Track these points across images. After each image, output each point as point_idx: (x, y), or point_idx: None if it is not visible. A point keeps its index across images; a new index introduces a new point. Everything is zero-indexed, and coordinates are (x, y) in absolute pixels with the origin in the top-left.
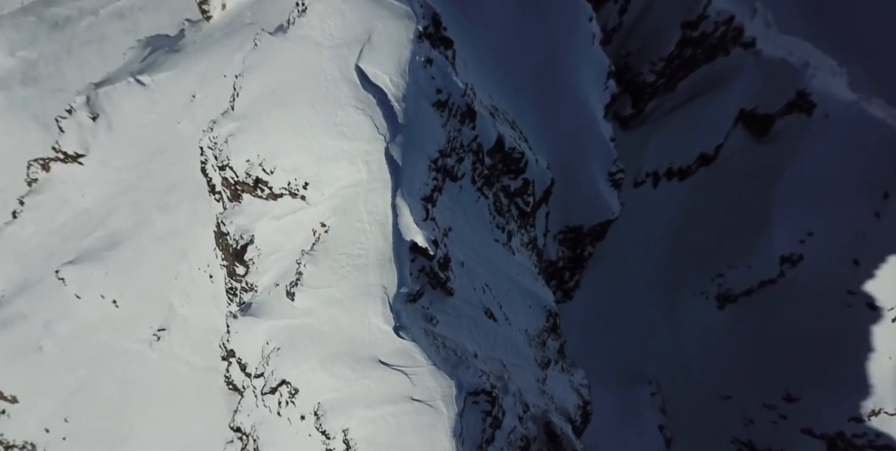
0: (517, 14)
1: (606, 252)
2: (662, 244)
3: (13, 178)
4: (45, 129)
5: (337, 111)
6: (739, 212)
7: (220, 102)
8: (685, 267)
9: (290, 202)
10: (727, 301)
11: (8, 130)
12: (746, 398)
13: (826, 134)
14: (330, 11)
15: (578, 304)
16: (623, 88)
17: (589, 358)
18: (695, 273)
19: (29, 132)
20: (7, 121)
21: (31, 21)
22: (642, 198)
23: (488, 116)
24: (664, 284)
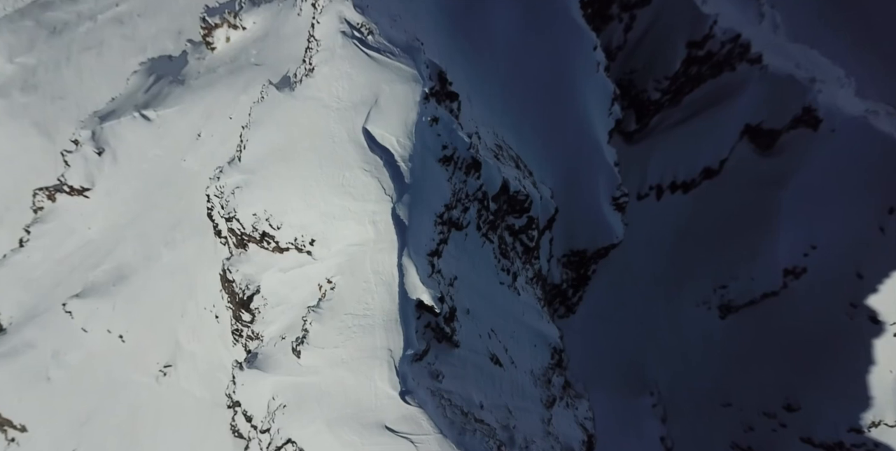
0: (522, 42)
1: (609, 262)
2: (665, 254)
3: (14, 183)
4: (46, 135)
5: (344, 172)
6: (742, 223)
7: (226, 141)
8: (687, 277)
9: (297, 256)
10: (729, 312)
11: (9, 136)
12: (747, 405)
13: (832, 148)
14: (337, 75)
15: (581, 313)
16: (628, 104)
17: (591, 367)
18: (697, 283)
19: (30, 138)
20: (8, 127)
21: (29, 26)
22: (645, 209)
23: (493, 162)
24: (666, 293)
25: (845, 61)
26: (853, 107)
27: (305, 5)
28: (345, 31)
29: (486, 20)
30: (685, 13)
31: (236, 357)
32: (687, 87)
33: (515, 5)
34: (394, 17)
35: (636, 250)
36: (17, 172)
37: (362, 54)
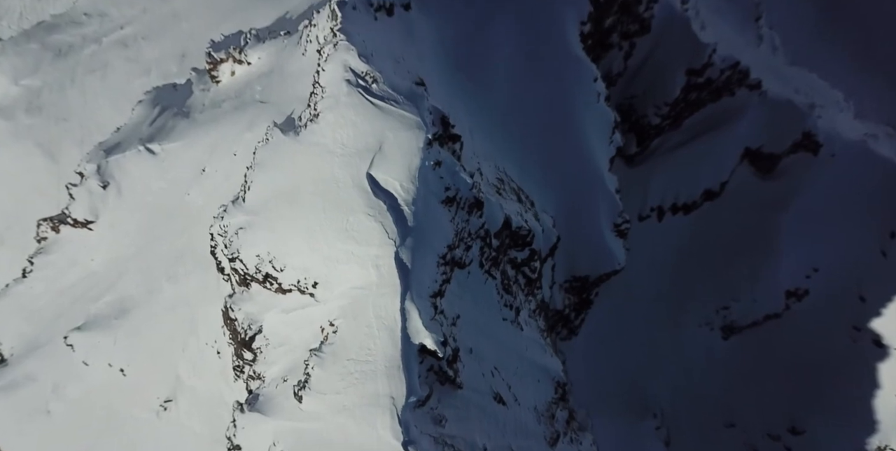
0: (523, 75)
1: (610, 283)
2: (666, 275)
3: (16, 203)
4: (50, 156)
5: (348, 217)
6: (744, 245)
7: (230, 177)
8: (689, 298)
9: (300, 298)
10: (732, 333)
11: (13, 158)
12: (751, 427)
13: (832, 172)
14: (342, 122)
15: (583, 335)
16: (628, 128)
17: (593, 389)
18: (699, 304)
19: (33, 159)
20: (12, 149)
21: (35, 48)
22: (647, 230)
23: (495, 199)
24: (668, 314)
25: (844, 76)
26: (852, 131)
27: (311, 47)
28: (349, 79)
29: (488, 55)
30: (684, 42)
31: (237, 394)
32: (687, 111)
33: (516, 39)
34: (397, 58)
35: (638, 271)
36: (19, 193)
37: (367, 102)
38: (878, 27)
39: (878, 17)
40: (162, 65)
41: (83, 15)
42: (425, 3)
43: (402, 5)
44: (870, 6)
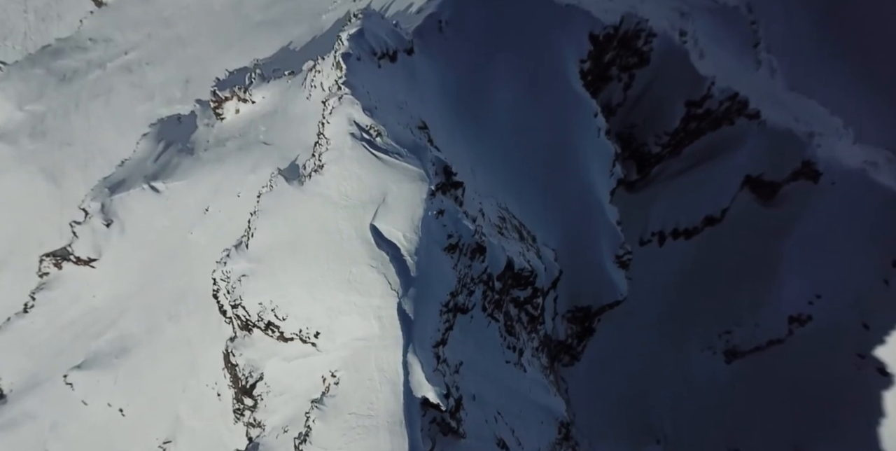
0: (524, 112)
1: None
2: (668, 299)
3: (19, 227)
4: (53, 181)
5: (351, 268)
6: (745, 270)
7: (233, 218)
8: (692, 322)
9: (301, 346)
10: (735, 357)
11: (16, 183)
12: None
13: (832, 200)
14: (346, 174)
15: (585, 360)
16: (629, 155)
17: (596, 414)
18: (701, 328)
19: (36, 183)
20: (16, 174)
21: (40, 74)
22: (648, 255)
23: (497, 241)
24: (671, 338)
25: (843, 96)
26: (852, 158)
27: (315, 92)
28: (354, 132)
29: (489, 92)
30: (683, 74)
31: (237, 437)
32: (687, 139)
33: (517, 77)
34: (400, 104)
35: (639, 295)
36: (22, 217)
37: (371, 156)
38: (876, 45)
39: (877, 35)
40: (166, 90)
41: (88, 40)
42: (427, 46)
43: (404, 50)
44: (868, 24)
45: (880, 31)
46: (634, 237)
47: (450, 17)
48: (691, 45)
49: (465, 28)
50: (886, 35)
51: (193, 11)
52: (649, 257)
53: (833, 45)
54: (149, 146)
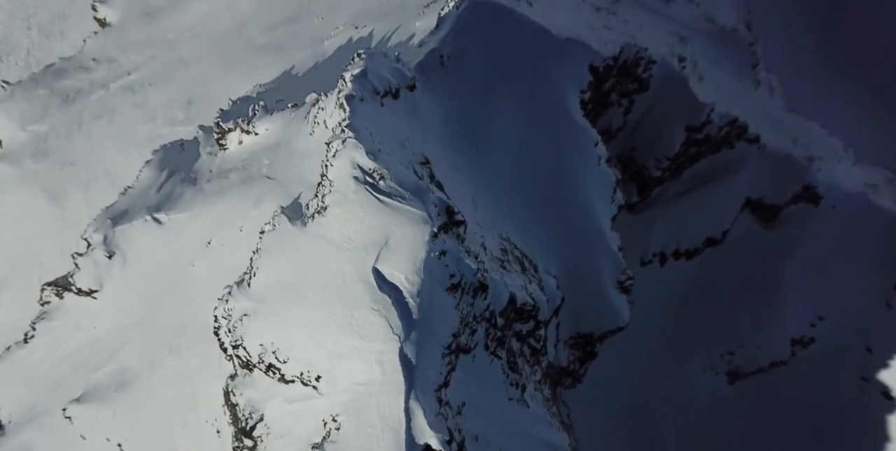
0: (525, 143)
1: None
2: (670, 319)
3: (21, 245)
4: (55, 200)
5: (353, 312)
6: (747, 292)
7: (235, 252)
8: (693, 342)
9: (303, 389)
10: (737, 378)
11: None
12: None
13: (833, 224)
14: (349, 218)
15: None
16: (629, 178)
17: (599, 435)
18: (703, 349)
19: (38, 203)
20: (18, 193)
21: (43, 94)
22: (650, 275)
23: (499, 275)
24: (673, 357)
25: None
26: (852, 181)
27: (318, 128)
28: (357, 176)
29: (490, 124)
30: (683, 100)
31: None
32: (687, 163)
33: (517, 109)
34: (402, 141)
35: (641, 314)
36: (24, 236)
37: (374, 199)
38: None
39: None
40: (168, 111)
41: (91, 60)
42: (429, 81)
43: (407, 87)
44: (869, 39)
45: (881, 47)
46: (635, 258)
47: (451, 52)
48: (690, 69)
49: (467, 62)
50: (887, 50)
51: (196, 33)
52: (650, 276)
53: (833, 61)
54: (152, 175)
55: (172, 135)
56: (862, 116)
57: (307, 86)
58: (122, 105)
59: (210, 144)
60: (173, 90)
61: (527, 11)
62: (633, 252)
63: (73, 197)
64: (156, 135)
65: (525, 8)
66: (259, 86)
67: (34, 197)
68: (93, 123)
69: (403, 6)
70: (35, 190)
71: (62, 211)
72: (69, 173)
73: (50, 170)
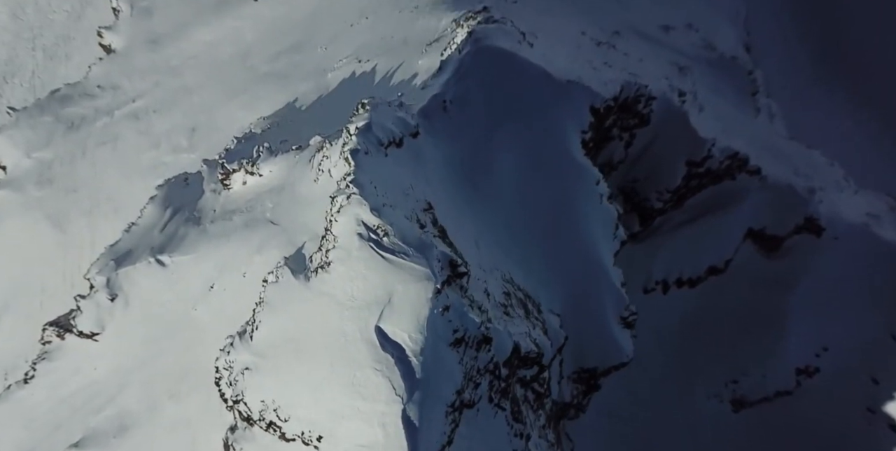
0: (527, 183)
1: None
2: (673, 346)
3: (23, 271)
4: (58, 227)
5: (355, 372)
6: (751, 320)
7: (238, 298)
8: (697, 370)
9: (303, 448)
10: (742, 406)
11: (22, 229)
12: None
13: (836, 255)
14: (353, 275)
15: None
16: (631, 208)
17: None
18: (708, 376)
19: (41, 230)
20: (21, 220)
21: (48, 121)
22: (652, 302)
23: (503, 325)
24: (677, 385)
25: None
26: (854, 212)
27: (323, 177)
28: (361, 233)
29: (492, 165)
30: (683, 135)
31: None
32: (689, 193)
33: (519, 150)
34: (406, 190)
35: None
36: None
37: (378, 256)
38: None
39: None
40: (172, 138)
41: (97, 87)
42: (432, 126)
43: (410, 134)
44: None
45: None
46: (638, 286)
47: (454, 96)
48: (690, 100)
49: (469, 105)
50: (885, 65)
51: (201, 61)
52: (653, 304)
53: (832, 77)
54: (156, 212)
55: (176, 162)
56: (861, 131)
57: (311, 122)
58: (126, 132)
59: (214, 180)
60: (177, 117)
61: (528, 54)
62: (636, 280)
63: (76, 223)
64: (159, 162)
65: (527, 50)
66: (263, 119)
67: (37, 223)
68: (97, 150)
69: (406, 43)
70: (38, 216)
71: (65, 237)
72: (72, 200)
73: (53, 196)
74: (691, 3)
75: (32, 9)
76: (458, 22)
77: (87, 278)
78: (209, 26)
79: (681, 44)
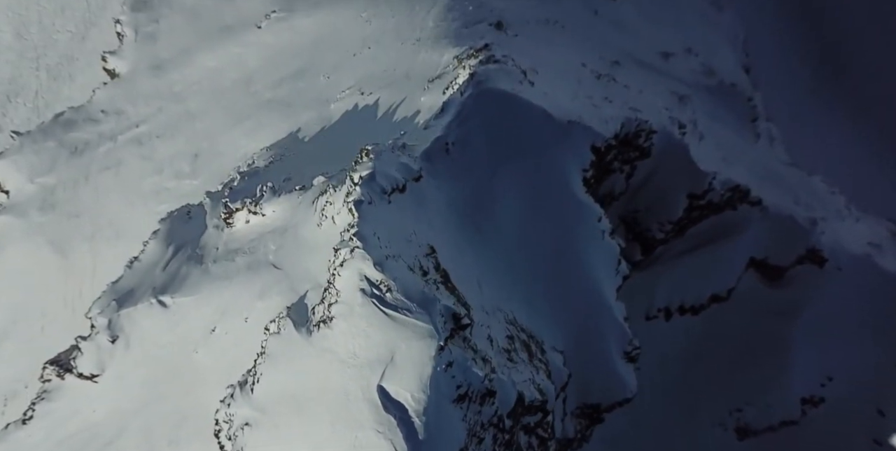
0: (529, 222)
1: None
2: (677, 373)
3: (24, 297)
4: (60, 253)
5: (357, 433)
6: (754, 349)
7: (239, 344)
8: (701, 397)
9: None
10: (747, 435)
11: (23, 255)
12: None
13: (839, 286)
14: (355, 332)
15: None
16: (632, 237)
17: None
18: (711, 403)
19: (43, 256)
20: (23, 246)
21: (52, 146)
22: (655, 329)
23: (506, 373)
24: (680, 412)
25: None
26: (857, 242)
27: (326, 223)
28: (364, 288)
29: (494, 205)
30: (684, 168)
31: None
32: (690, 223)
33: (520, 189)
34: (409, 236)
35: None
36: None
37: (380, 313)
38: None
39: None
40: (174, 164)
41: (100, 112)
42: (435, 168)
43: (413, 179)
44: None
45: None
46: (640, 313)
47: (456, 138)
48: (691, 130)
49: (471, 147)
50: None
51: (204, 87)
52: (656, 331)
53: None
54: (158, 249)
55: (178, 188)
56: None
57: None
58: (129, 157)
59: (216, 215)
60: (180, 143)
61: (529, 94)
62: (638, 307)
63: (78, 249)
64: (161, 187)
65: (528, 90)
66: (266, 150)
67: (39, 249)
68: (100, 175)
69: (408, 76)
70: (40, 242)
71: (66, 262)
72: (74, 225)
73: (56, 222)
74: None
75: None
76: (460, 59)
77: (88, 317)
78: (213, 52)
79: (680, 71)
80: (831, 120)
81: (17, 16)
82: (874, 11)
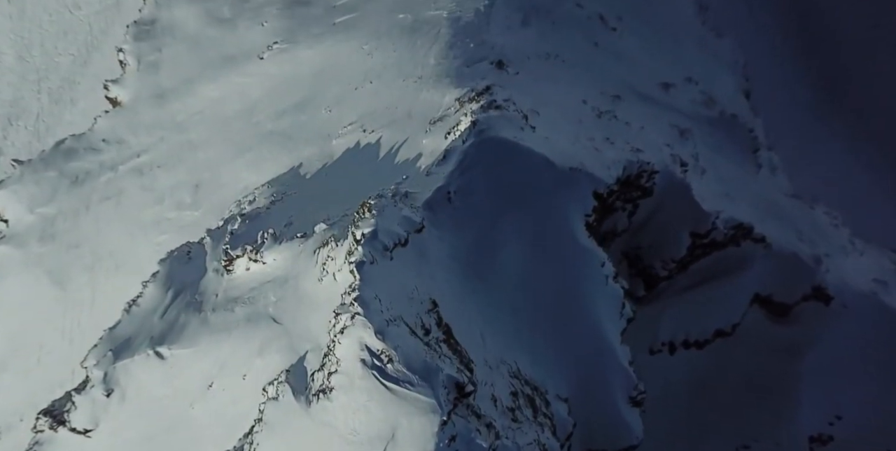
0: (531, 270)
1: None
2: (681, 408)
3: (22, 328)
4: (59, 284)
5: None
6: (760, 385)
7: (237, 402)
8: (707, 432)
9: None
10: None
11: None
12: None
13: (846, 323)
14: (354, 407)
15: None
16: (636, 273)
17: None
18: (716, 439)
19: (42, 287)
20: (22, 277)
21: (52, 176)
22: (659, 363)
23: (510, 438)
24: (686, 447)
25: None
26: (862, 279)
27: (328, 278)
28: (365, 359)
29: (497, 254)
30: (686, 208)
31: None
32: (693, 260)
33: (523, 236)
34: (410, 293)
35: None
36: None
37: (381, 387)
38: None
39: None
40: (175, 194)
41: (101, 141)
42: (437, 217)
43: (415, 231)
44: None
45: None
46: (644, 346)
47: (458, 187)
48: (692, 166)
49: (473, 195)
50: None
51: (206, 117)
52: (660, 365)
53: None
54: (157, 293)
55: (179, 219)
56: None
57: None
58: (130, 187)
59: (217, 258)
60: (181, 173)
61: (531, 141)
62: (642, 341)
63: (77, 280)
64: (162, 218)
65: (529, 135)
66: (267, 187)
67: (38, 280)
68: (100, 205)
69: (410, 116)
70: (39, 273)
71: (65, 294)
72: (74, 256)
73: (55, 252)
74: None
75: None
76: (462, 101)
77: (84, 366)
78: (216, 82)
79: (681, 102)
80: (833, 143)
81: (19, 38)
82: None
